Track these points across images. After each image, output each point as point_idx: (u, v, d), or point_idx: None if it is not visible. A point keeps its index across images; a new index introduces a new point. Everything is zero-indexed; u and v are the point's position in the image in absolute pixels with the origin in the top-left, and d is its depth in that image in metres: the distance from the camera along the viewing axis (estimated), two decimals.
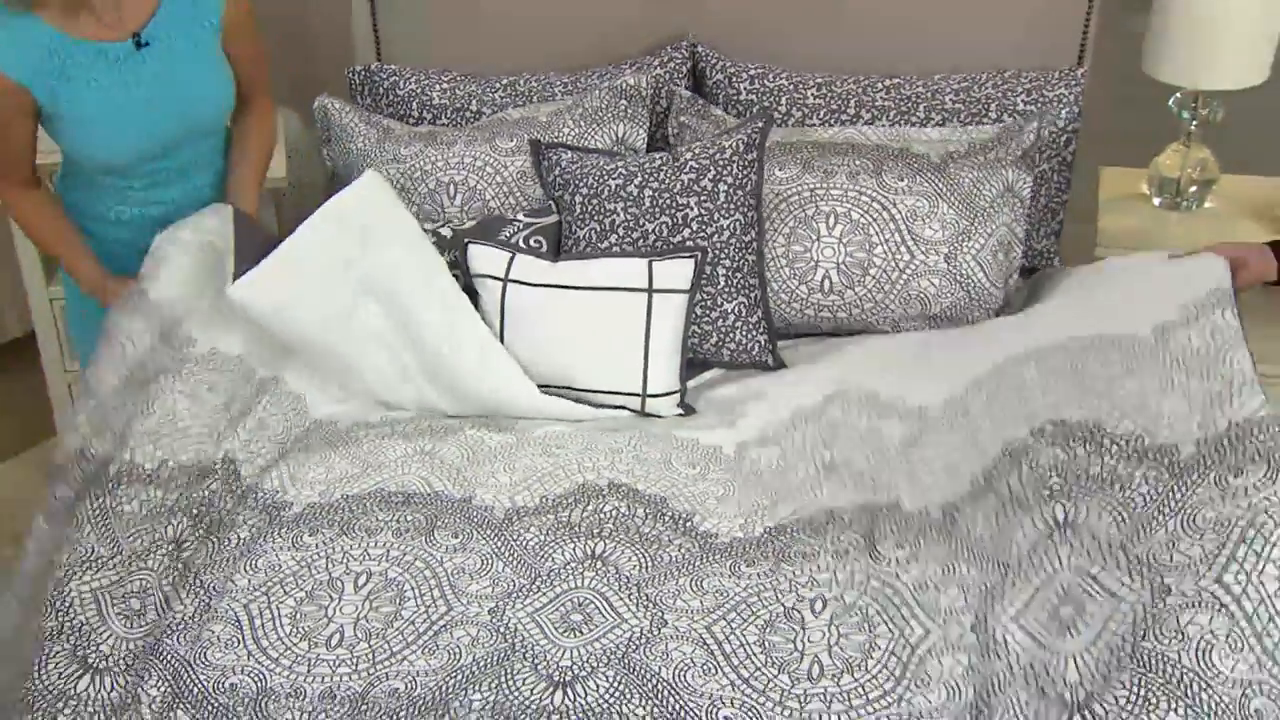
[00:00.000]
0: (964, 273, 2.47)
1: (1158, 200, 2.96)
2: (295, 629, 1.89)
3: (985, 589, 1.79)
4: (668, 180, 2.45)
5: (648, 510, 2.04)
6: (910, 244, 2.46)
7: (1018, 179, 2.52)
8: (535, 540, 1.98)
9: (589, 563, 1.93)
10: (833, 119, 2.70)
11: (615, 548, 1.95)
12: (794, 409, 2.28)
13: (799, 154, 2.55)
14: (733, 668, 1.78)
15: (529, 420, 2.33)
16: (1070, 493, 1.83)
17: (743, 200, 2.43)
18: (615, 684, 1.76)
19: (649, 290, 2.32)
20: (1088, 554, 1.76)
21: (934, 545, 1.89)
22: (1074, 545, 1.77)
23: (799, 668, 1.77)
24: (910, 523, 1.94)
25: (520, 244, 2.50)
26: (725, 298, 2.43)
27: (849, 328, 2.53)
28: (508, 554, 1.96)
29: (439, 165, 2.66)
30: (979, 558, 1.84)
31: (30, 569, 2.02)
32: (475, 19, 2.92)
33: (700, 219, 2.42)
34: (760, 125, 2.47)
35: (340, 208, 2.38)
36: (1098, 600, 1.70)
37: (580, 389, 2.35)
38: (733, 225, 2.43)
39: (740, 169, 2.44)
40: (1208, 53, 2.70)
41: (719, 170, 2.43)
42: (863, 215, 2.47)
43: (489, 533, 2.01)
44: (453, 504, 2.08)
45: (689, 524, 2.02)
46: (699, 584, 1.90)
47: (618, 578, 1.91)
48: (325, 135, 2.80)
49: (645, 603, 1.87)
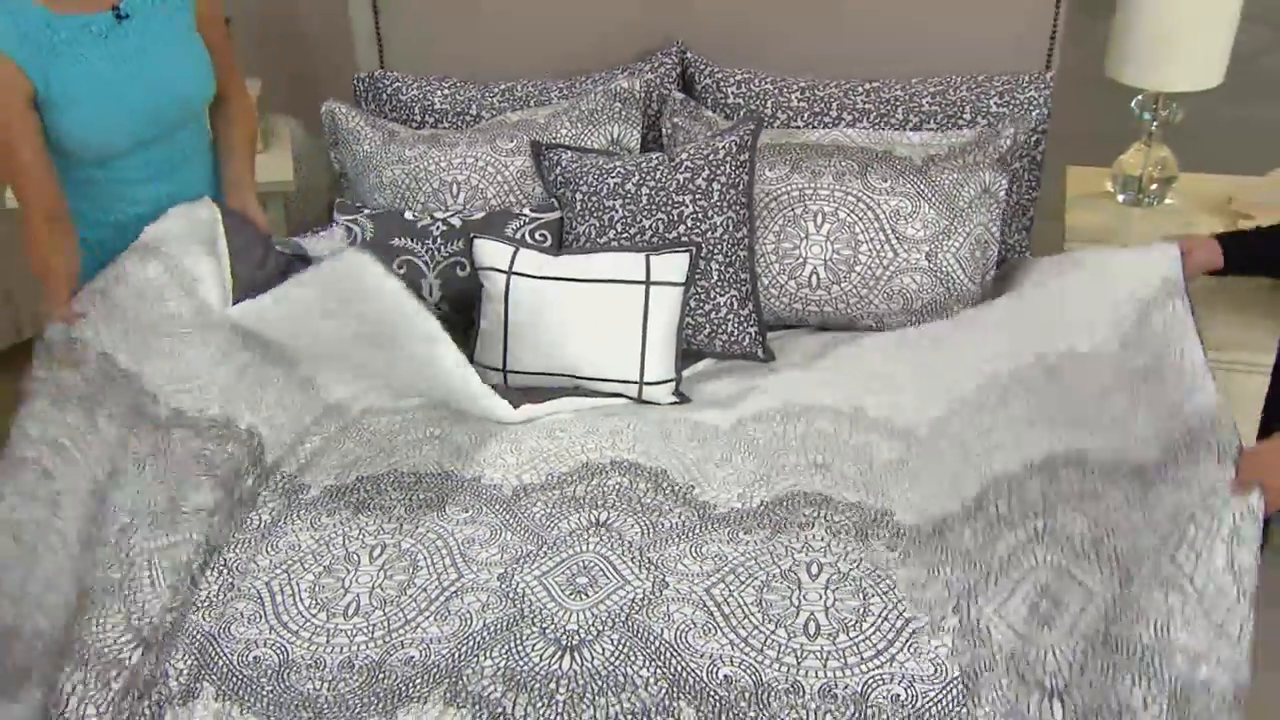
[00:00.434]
0: (944, 270, 2.50)
1: (1121, 197, 3.00)
2: (314, 601, 1.91)
3: (968, 586, 1.83)
4: (664, 179, 2.48)
5: (649, 483, 2.07)
6: (894, 242, 2.50)
7: (994, 181, 2.56)
8: (542, 512, 2.01)
9: (593, 529, 1.96)
10: (816, 121, 2.73)
11: (618, 516, 1.98)
12: (785, 401, 2.30)
13: (788, 155, 2.58)
14: (731, 628, 1.81)
15: (532, 407, 2.33)
16: (1049, 506, 1.87)
17: (735, 199, 2.47)
18: (620, 647, 1.79)
19: (646, 283, 2.34)
20: (1062, 552, 1.81)
21: (921, 552, 1.92)
22: (1049, 545, 1.82)
23: (795, 623, 1.80)
24: (902, 532, 1.97)
25: (526, 237, 2.52)
26: (718, 291, 2.46)
27: (835, 321, 2.57)
28: (516, 525, 1.99)
29: (442, 165, 2.68)
30: (963, 562, 1.88)
31: (60, 469, 1.96)
32: (474, 27, 2.94)
33: (694, 216, 2.45)
34: (752, 128, 2.50)
35: (323, 279, 2.25)
36: (1073, 593, 1.75)
37: (581, 376, 2.37)
38: (725, 222, 2.46)
39: (733, 169, 2.47)
40: (1167, 57, 2.73)
41: (712, 170, 2.46)
42: (849, 214, 2.50)
43: (498, 507, 2.03)
44: (463, 482, 2.10)
45: (689, 495, 2.05)
46: (698, 549, 1.93)
47: (621, 542, 1.94)
48: (333, 139, 2.81)
49: (647, 565, 1.90)
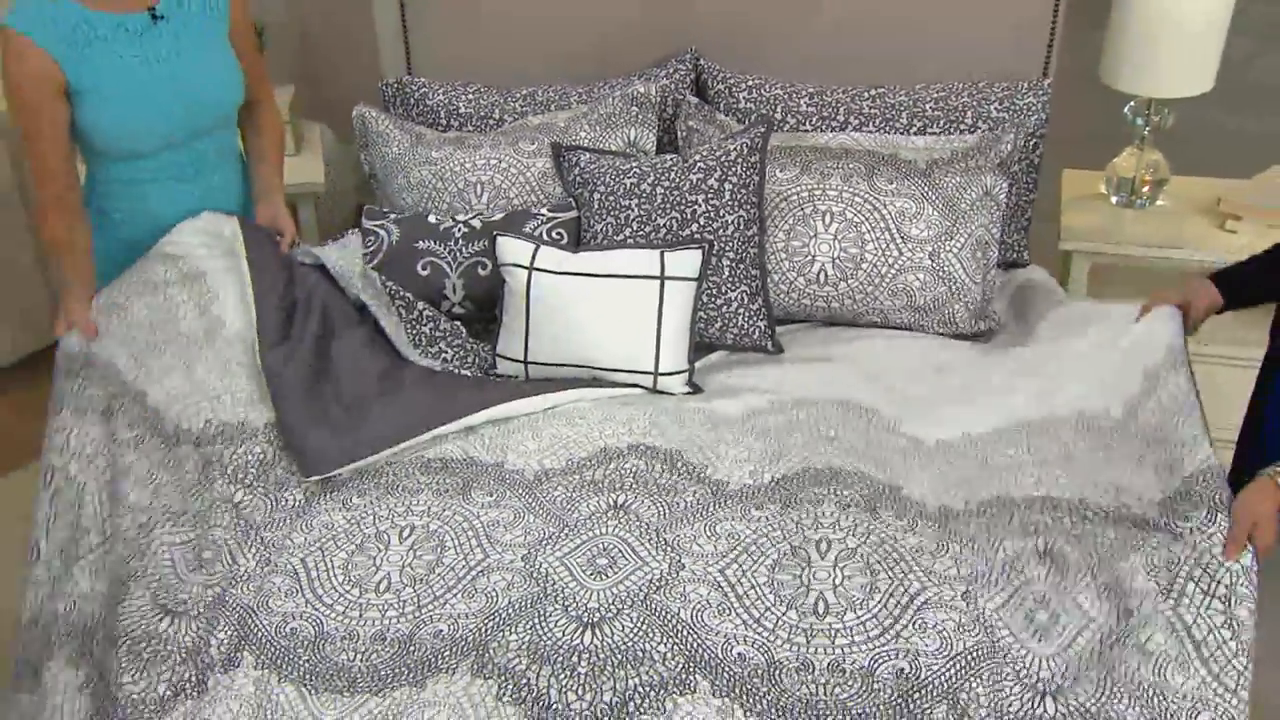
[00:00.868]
0: (946, 269, 2.51)
1: (1115, 199, 3.00)
2: (347, 578, 1.93)
3: (975, 571, 1.84)
4: (678, 179, 2.49)
5: (664, 465, 2.08)
6: (899, 242, 2.51)
7: (995, 184, 2.56)
8: (563, 496, 2.02)
9: (612, 512, 1.97)
10: (824, 125, 2.74)
11: (636, 498, 2.00)
12: (798, 397, 2.29)
13: (798, 158, 2.59)
14: (744, 608, 1.82)
15: (552, 396, 2.34)
16: (1053, 536, 1.88)
17: (746, 198, 2.48)
18: (639, 624, 1.80)
19: (661, 278, 2.35)
20: (1062, 574, 1.82)
21: (929, 526, 1.93)
22: (1050, 566, 1.83)
23: (805, 602, 1.81)
24: (908, 505, 1.97)
25: (544, 236, 2.53)
26: (729, 287, 2.48)
27: (842, 317, 2.57)
28: (538, 508, 2.00)
29: (467, 167, 2.69)
30: (970, 547, 1.88)
31: (75, 472, 2.02)
32: (497, 35, 2.95)
33: (707, 215, 2.47)
34: (762, 131, 2.51)
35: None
36: (1070, 615, 1.77)
37: (598, 367, 2.38)
38: (737, 221, 2.47)
39: (744, 170, 2.48)
40: (1159, 64, 2.74)
41: (725, 171, 2.47)
42: (856, 214, 2.51)
43: (520, 491, 2.05)
44: (486, 468, 2.12)
45: (702, 473, 2.06)
46: (712, 528, 1.94)
47: (639, 524, 1.95)
48: (363, 141, 2.83)
49: (664, 547, 1.91)
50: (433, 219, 2.61)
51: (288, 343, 2.29)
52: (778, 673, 1.74)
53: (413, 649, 1.83)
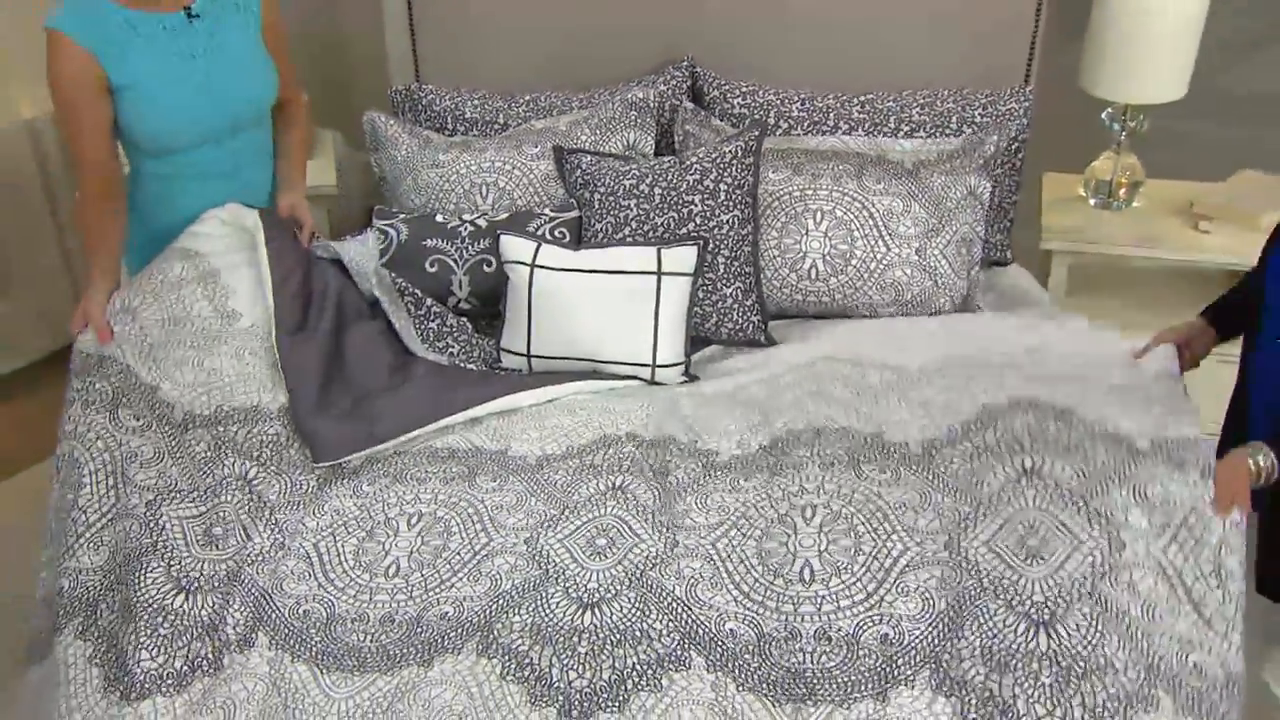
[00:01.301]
0: (932, 264, 2.50)
1: (1093, 201, 2.99)
2: (358, 563, 1.92)
3: (958, 516, 1.82)
4: (675, 180, 2.48)
5: (659, 449, 2.07)
6: (886, 239, 2.50)
7: (978, 184, 2.55)
8: (564, 480, 2.01)
9: (610, 494, 1.96)
10: (815, 129, 2.73)
11: (633, 480, 1.99)
12: (785, 365, 2.31)
13: (790, 159, 2.58)
14: (735, 582, 1.81)
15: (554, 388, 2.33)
16: (1038, 449, 1.87)
17: (741, 198, 2.47)
18: (636, 603, 1.79)
19: (658, 273, 2.34)
20: (1051, 498, 1.80)
21: (912, 474, 1.92)
22: (1039, 490, 1.81)
23: (791, 570, 1.80)
24: (891, 452, 1.96)
25: (546, 235, 2.52)
26: (724, 283, 2.47)
27: (832, 311, 2.56)
28: (540, 492, 1.99)
29: (473, 169, 2.68)
30: (953, 490, 1.87)
31: (78, 455, 2.01)
32: (502, 44, 2.94)
33: (703, 214, 2.46)
34: (756, 134, 2.50)
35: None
36: (1061, 537, 1.75)
37: (598, 360, 2.37)
38: (731, 220, 2.46)
39: (739, 171, 2.47)
40: (1135, 72, 2.74)
41: (720, 172, 2.46)
42: (845, 213, 2.50)
43: (523, 476, 2.04)
44: (490, 455, 2.11)
45: (694, 447, 2.06)
46: (704, 501, 1.93)
47: (636, 504, 1.94)
48: (373, 145, 2.82)
49: (660, 526, 1.90)
50: (440, 219, 2.60)
51: (303, 331, 2.28)
52: (767, 645, 1.73)
53: (420, 630, 1.82)
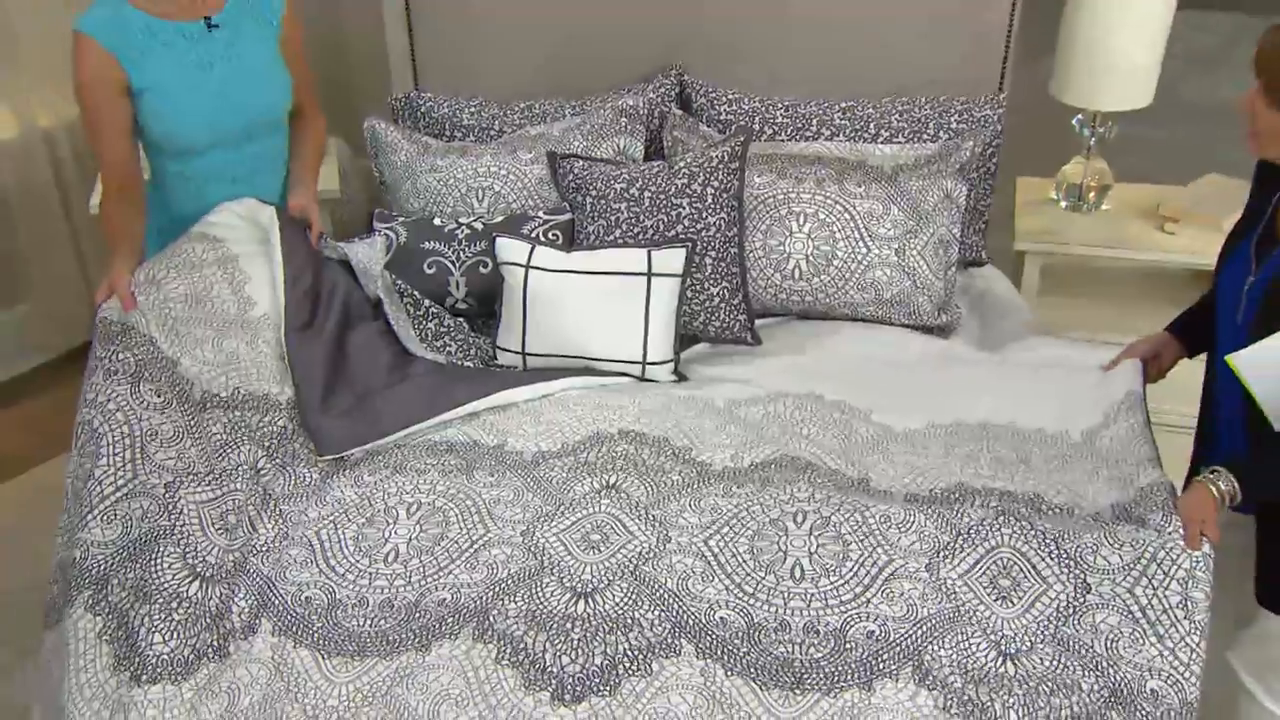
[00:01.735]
0: (910, 265, 2.48)
1: (1064, 204, 2.98)
2: (358, 549, 1.90)
3: (938, 544, 1.80)
4: (664, 185, 2.46)
5: (652, 449, 2.04)
6: (867, 240, 2.47)
7: (955, 188, 2.53)
8: (559, 476, 1.98)
9: (605, 491, 1.93)
10: (799, 135, 2.71)
11: (626, 479, 1.96)
12: (773, 389, 2.25)
13: (774, 164, 2.56)
14: (726, 575, 1.79)
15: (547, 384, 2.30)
16: (1012, 510, 1.86)
17: (727, 202, 2.44)
18: (629, 593, 1.77)
19: (648, 274, 2.32)
20: (1024, 538, 1.78)
21: (896, 505, 1.89)
22: (1015, 529, 1.79)
23: (783, 567, 1.78)
24: (876, 495, 1.94)
25: (540, 237, 2.50)
26: (711, 283, 2.44)
27: (815, 310, 2.54)
28: (536, 487, 1.97)
29: (470, 174, 2.65)
30: (934, 516, 1.85)
31: (98, 425, 1.94)
32: (498, 53, 2.92)
33: (691, 217, 2.43)
34: (742, 140, 2.47)
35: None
36: (1031, 581, 1.73)
37: (590, 358, 2.35)
38: (718, 222, 2.44)
39: (725, 176, 2.45)
40: (1104, 80, 2.73)
41: (707, 176, 2.44)
42: (828, 215, 2.48)
43: (520, 471, 2.01)
44: (488, 450, 2.08)
45: (688, 455, 2.03)
46: (697, 503, 1.90)
47: (629, 502, 1.91)
48: (373, 150, 2.79)
49: (653, 522, 1.88)
50: (438, 222, 2.57)
51: (310, 329, 2.25)
52: (757, 634, 1.71)
53: (418, 615, 1.80)
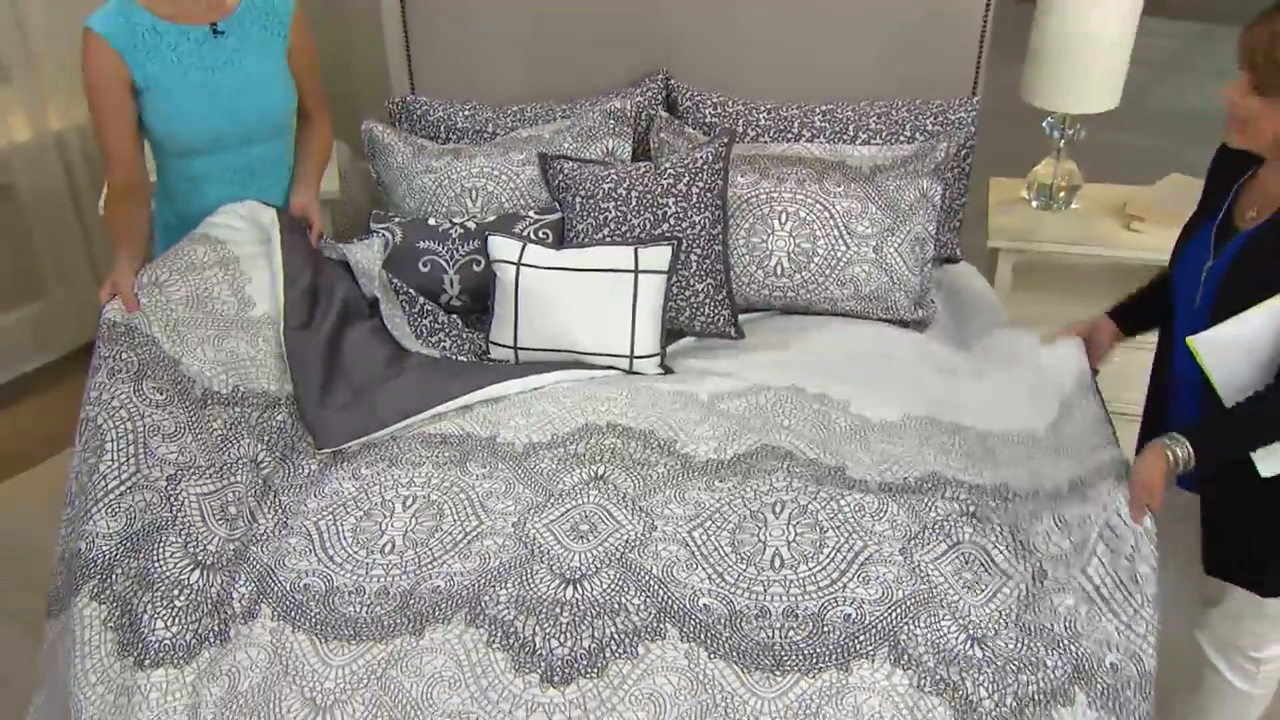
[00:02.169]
0: (888, 261, 2.45)
1: (1035, 203, 2.96)
2: (356, 540, 1.87)
3: (909, 533, 1.80)
4: (651, 184, 2.42)
5: (639, 442, 2.02)
6: (846, 238, 2.45)
7: (930, 187, 2.51)
8: (549, 468, 1.96)
9: (593, 483, 1.91)
10: (780, 136, 2.68)
11: (614, 471, 1.94)
12: (755, 382, 2.22)
13: (757, 165, 2.53)
14: (710, 565, 1.77)
15: (539, 377, 2.27)
16: (976, 505, 1.85)
17: (711, 201, 2.41)
18: (616, 580, 1.75)
19: (635, 271, 2.29)
20: (985, 534, 1.78)
21: (869, 495, 1.88)
22: (975, 527, 1.80)
23: (762, 558, 1.76)
24: (852, 484, 1.92)
25: (531, 235, 2.46)
26: (696, 279, 2.41)
27: (797, 305, 2.51)
28: (527, 479, 1.94)
29: (463, 174, 2.62)
30: (906, 508, 1.84)
31: (102, 422, 1.92)
32: (491, 58, 2.89)
33: (677, 215, 2.40)
34: (726, 141, 2.44)
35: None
36: (992, 574, 1.73)
37: (580, 351, 2.32)
38: (703, 221, 2.41)
39: (709, 176, 2.41)
40: (1073, 84, 2.70)
41: (692, 177, 2.41)
42: (808, 214, 2.45)
43: (511, 463, 1.98)
44: (480, 441, 2.05)
45: (672, 447, 2.01)
46: (681, 495, 1.88)
47: (616, 493, 1.89)
48: (371, 152, 2.76)
49: (639, 512, 1.85)
50: (432, 221, 2.54)
51: (309, 327, 2.22)
52: (738, 620, 1.69)
53: (413, 602, 1.77)
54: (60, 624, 1.83)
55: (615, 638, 1.68)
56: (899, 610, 1.69)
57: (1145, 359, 2.09)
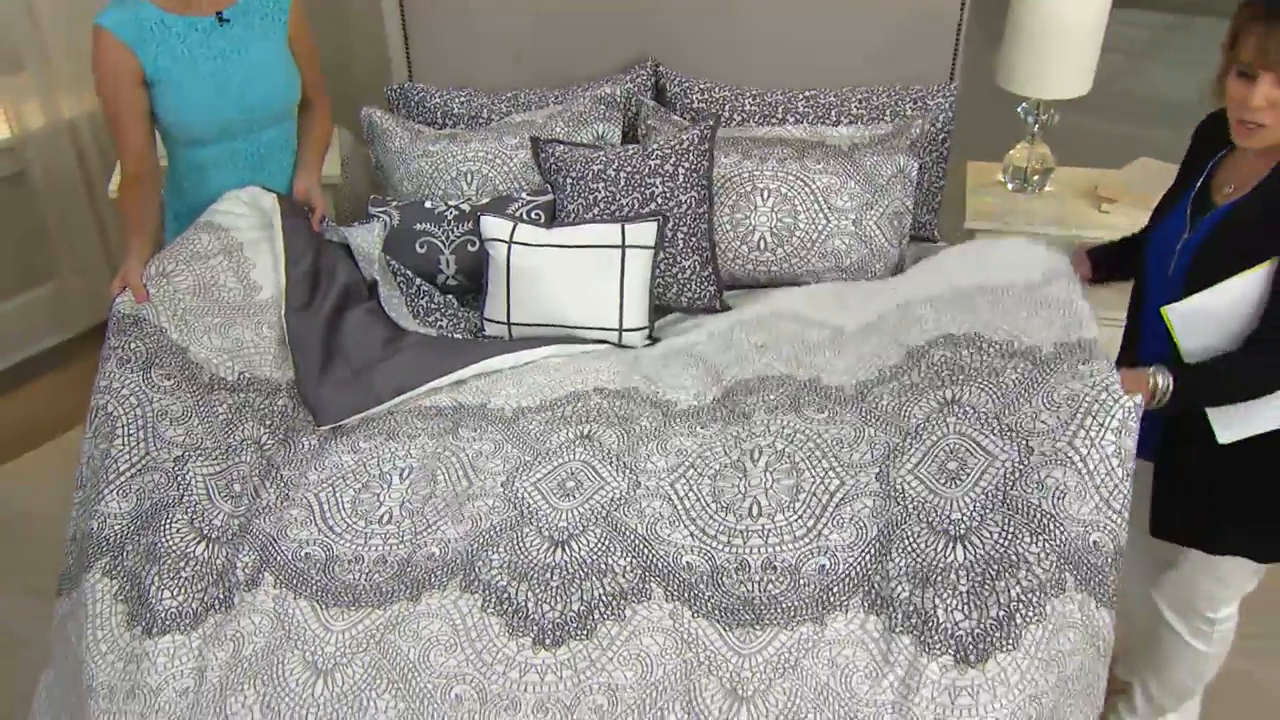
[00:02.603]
0: (867, 234, 2.42)
1: (1010, 185, 2.92)
2: (355, 511, 1.85)
3: (888, 448, 1.75)
4: (639, 166, 2.39)
5: (623, 399, 1.99)
6: (826, 212, 2.41)
7: (907, 163, 2.47)
8: (537, 429, 1.93)
9: (580, 441, 1.88)
10: (764, 121, 2.64)
11: (599, 428, 1.91)
12: (732, 321, 2.21)
13: (740, 146, 2.49)
14: (691, 519, 1.74)
15: (531, 351, 2.23)
16: (957, 380, 1.79)
17: (697, 181, 2.38)
18: (602, 539, 1.73)
19: (622, 246, 2.26)
20: (969, 421, 1.72)
21: (847, 411, 1.84)
22: (959, 415, 1.74)
23: (741, 506, 1.74)
24: (828, 394, 1.88)
25: (523, 216, 2.43)
26: (683, 256, 2.38)
27: (781, 279, 2.47)
28: (516, 440, 1.92)
29: (459, 158, 2.58)
30: (883, 423, 1.80)
31: (112, 409, 1.90)
32: (485, 47, 2.84)
33: (664, 195, 2.36)
34: (711, 125, 2.41)
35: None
36: (976, 456, 1.68)
37: (570, 326, 2.29)
38: (689, 200, 2.37)
39: (695, 157, 2.38)
40: (1045, 71, 2.66)
41: (679, 158, 2.37)
42: (790, 190, 2.42)
43: (501, 426, 1.96)
44: (472, 409, 2.03)
45: (654, 398, 1.98)
46: (664, 445, 1.86)
47: (602, 450, 1.86)
48: (369, 137, 2.71)
49: (623, 468, 1.83)
50: (429, 204, 2.50)
51: (309, 309, 2.19)
52: (719, 575, 1.67)
53: (410, 569, 1.75)
54: (71, 601, 1.81)
55: (603, 600, 1.66)
56: (873, 550, 1.65)
57: (1114, 333, 2.07)
